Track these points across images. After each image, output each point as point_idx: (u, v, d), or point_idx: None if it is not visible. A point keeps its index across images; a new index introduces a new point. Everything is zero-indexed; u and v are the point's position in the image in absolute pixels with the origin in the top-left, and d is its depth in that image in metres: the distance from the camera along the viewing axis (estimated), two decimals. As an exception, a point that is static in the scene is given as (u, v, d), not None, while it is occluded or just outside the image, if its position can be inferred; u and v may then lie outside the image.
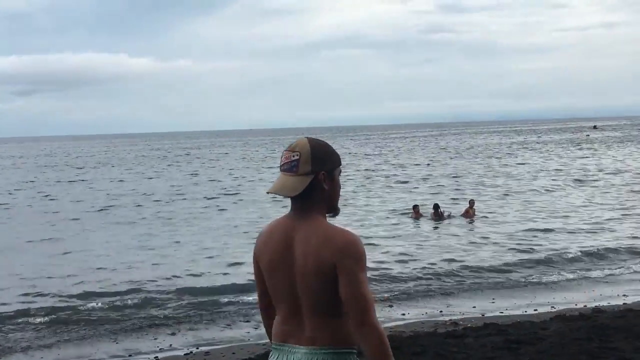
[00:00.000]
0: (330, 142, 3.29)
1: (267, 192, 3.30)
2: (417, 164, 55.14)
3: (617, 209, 24.87)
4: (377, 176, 44.29)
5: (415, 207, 25.08)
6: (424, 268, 16.30)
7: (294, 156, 3.16)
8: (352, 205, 28.53)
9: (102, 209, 30.41)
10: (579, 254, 17.22)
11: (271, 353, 3.32)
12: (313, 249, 3.08)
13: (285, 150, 3.23)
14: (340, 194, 3.28)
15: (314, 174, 3.15)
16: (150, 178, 49.51)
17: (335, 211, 3.29)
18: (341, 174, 3.33)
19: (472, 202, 24.48)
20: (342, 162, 3.31)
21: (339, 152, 3.28)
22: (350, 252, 3.06)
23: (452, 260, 16.98)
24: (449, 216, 23.77)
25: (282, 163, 3.21)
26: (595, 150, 66.66)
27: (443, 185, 36.43)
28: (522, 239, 19.33)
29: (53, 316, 12.86)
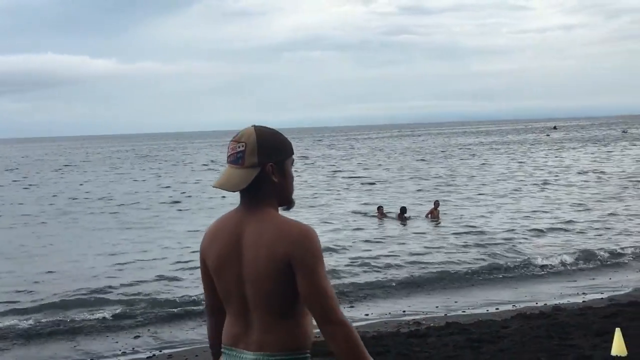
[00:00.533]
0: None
1: (213, 186, 3.04)
2: (380, 165, 55.39)
3: (577, 209, 25.20)
4: (340, 177, 44.41)
5: (380, 208, 25.20)
6: (387, 268, 16.38)
7: (239, 147, 2.91)
8: (315, 206, 28.59)
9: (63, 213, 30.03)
10: (541, 253, 17.43)
11: (222, 357, 3.10)
12: (265, 244, 2.83)
13: (231, 141, 2.97)
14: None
15: (261, 166, 2.90)
16: (84, 182, 49.03)
17: (289, 204, 3.05)
18: (294, 164, 3.07)
19: (437, 203, 24.65)
20: (294, 151, 3.06)
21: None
22: (306, 245, 2.81)
23: (415, 261, 17.08)
24: (404, 218, 23.91)
25: (228, 154, 2.96)
26: (556, 150, 67.56)
27: (407, 186, 36.65)
28: (485, 239, 19.50)
29: (10, 320, 12.69)
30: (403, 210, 24.29)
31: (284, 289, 2.85)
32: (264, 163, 2.91)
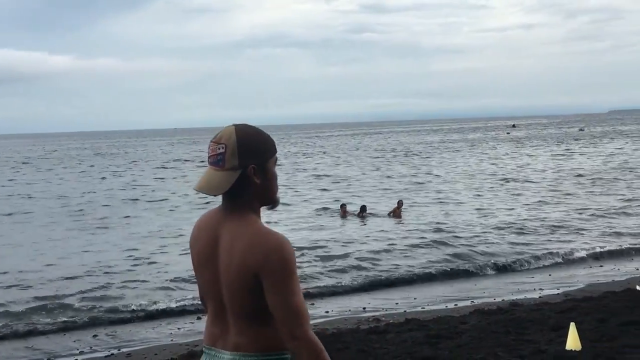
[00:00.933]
0: None
1: (193, 189, 2.95)
2: (342, 163, 55.53)
3: (535, 207, 25.54)
4: (302, 175, 44.44)
5: (343, 206, 25.30)
6: (348, 266, 16.44)
7: (219, 149, 2.81)
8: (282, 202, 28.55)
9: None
10: (500, 250, 17.66)
11: (202, 355, 3.05)
12: (237, 252, 2.77)
13: (211, 141, 2.86)
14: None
15: (243, 168, 2.81)
16: (40, 181, 48.45)
17: (273, 203, 2.97)
18: (277, 162, 2.98)
19: (400, 203, 24.83)
20: (276, 150, 2.97)
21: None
22: (276, 257, 2.72)
23: (376, 259, 17.18)
24: (364, 216, 24.07)
25: (208, 155, 2.86)
26: (517, 148, 68.36)
27: (370, 184, 36.80)
28: (445, 237, 19.66)
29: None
30: (363, 208, 24.44)
31: (255, 300, 2.78)
32: (245, 165, 2.81)
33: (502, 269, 16.04)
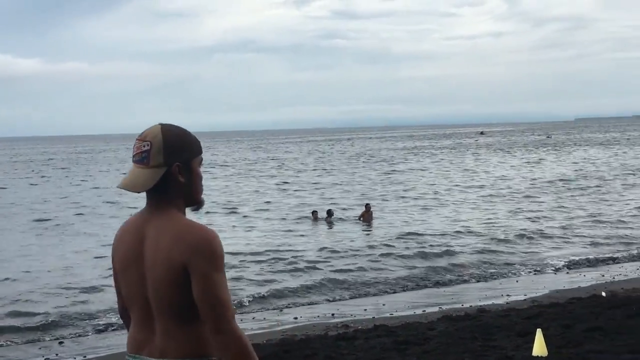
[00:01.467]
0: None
1: (117, 187, 2.91)
2: (311, 169, 55.55)
3: (504, 213, 25.75)
4: (273, 181, 44.37)
5: (314, 212, 25.34)
6: (317, 272, 16.44)
7: (144, 146, 2.80)
8: (249, 209, 28.54)
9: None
10: (468, 257, 17.76)
11: None
12: (163, 248, 2.75)
13: (137, 139, 2.85)
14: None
15: (168, 166, 2.80)
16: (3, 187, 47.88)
17: (197, 204, 2.94)
18: (202, 163, 2.97)
19: (368, 206, 24.92)
20: (202, 151, 2.95)
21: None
22: (203, 250, 2.71)
23: (346, 264, 17.21)
24: (330, 221, 24.17)
25: (133, 153, 2.85)
26: (484, 154, 68.91)
27: (339, 189, 36.86)
28: (414, 243, 19.75)
29: None
30: (329, 212, 24.54)
31: (183, 295, 2.75)
32: (171, 163, 2.80)
33: (470, 275, 16.12)
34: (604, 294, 12.38)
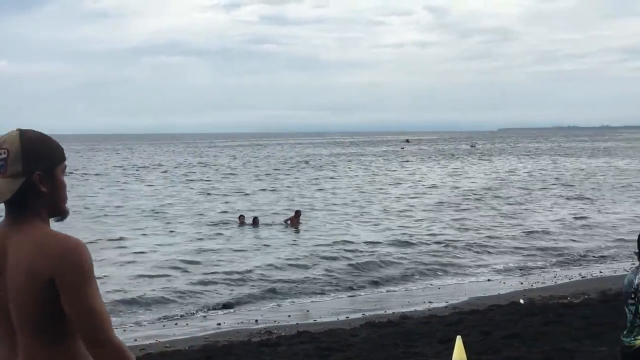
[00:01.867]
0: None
1: None
2: (236, 174, 55.32)
3: (428, 222, 26.13)
4: (199, 185, 43.98)
5: (241, 217, 25.25)
6: (241, 277, 16.36)
7: (1, 154, 2.61)
8: (167, 216, 28.24)
9: None
10: (392, 264, 17.91)
11: None
12: (25, 259, 2.56)
13: None
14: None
15: (27, 174, 2.61)
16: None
17: (62, 214, 2.77)
18: (66, 170, 2.79)
19: (298, 213, 25.02)
20: (65, 158, 2.78)
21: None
22: (70, 261, 2.54)
23: (272, 269, 17.19)
24: (258, 225, 24.22)
25: None
26: (408, 162, 69.83)
27: (265, 196, 36.80)
28: (340, 249, 19.83)
29: None
30: (255, 220, 24.63)
31: (48, 310, 2.58)
32: (30, 171, 2.62)
33: (394, 282, 16.27)
34: (522, 301, 12.69)
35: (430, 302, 13.85)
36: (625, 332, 6.33)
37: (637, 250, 6.29)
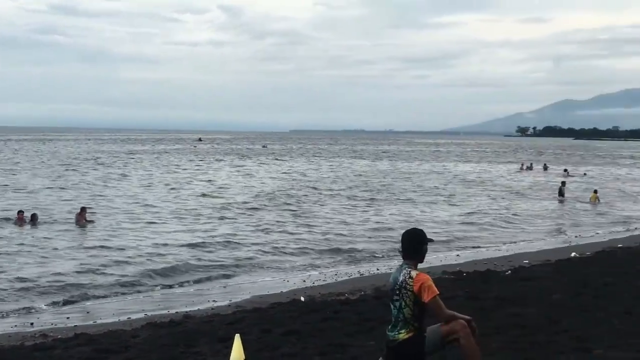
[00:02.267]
0: None
1: None
2: (19, 170, 52.59)
3: (213, 223, 26.19)
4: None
5: (20, 212, 24.00)
6: (15, 277, 15.56)
7: None
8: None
9: None
10: (172, 263, 17.65)
11: None
12: None
13: None
14: None
15: None
16: None
17: None
18: None
19: (84, 209, 24.53)
20: None
21: None
22: None
23: (50, 267, 16.50)
24: (37, 223, 23.33)
25: None
26: (201, 161, 69.63)
27: (50, 192, 35.26)
28: (130, 248, 19.44)
29: None
30: (34, 217, 23.80)
31: None
32: None
33: (187, 284, 16.01)
34: (302, 298, 13.08)
35: (214, 301, 13.89)
36: (390, 327, 6.75)
37: (400, 250, 6.74)
